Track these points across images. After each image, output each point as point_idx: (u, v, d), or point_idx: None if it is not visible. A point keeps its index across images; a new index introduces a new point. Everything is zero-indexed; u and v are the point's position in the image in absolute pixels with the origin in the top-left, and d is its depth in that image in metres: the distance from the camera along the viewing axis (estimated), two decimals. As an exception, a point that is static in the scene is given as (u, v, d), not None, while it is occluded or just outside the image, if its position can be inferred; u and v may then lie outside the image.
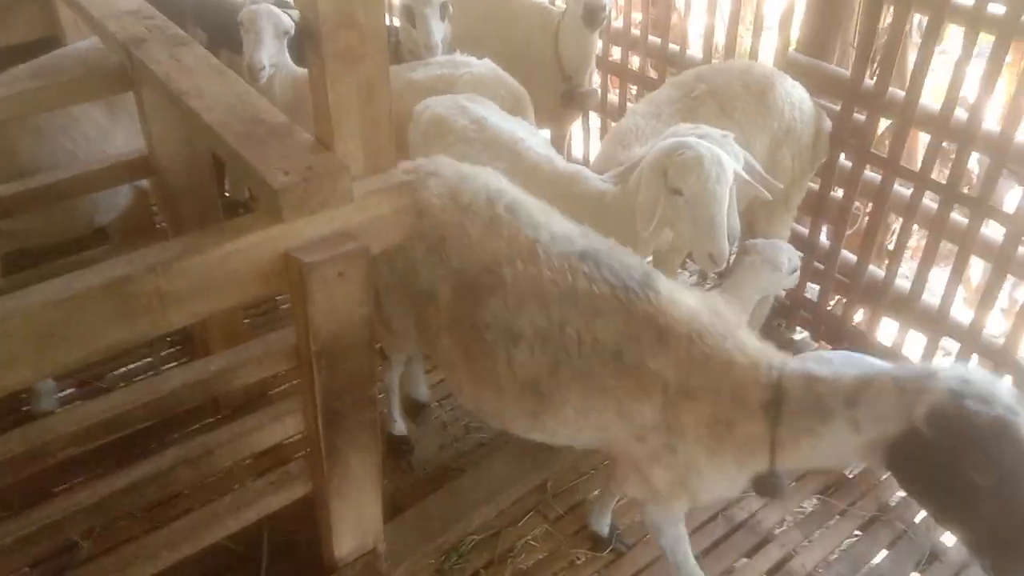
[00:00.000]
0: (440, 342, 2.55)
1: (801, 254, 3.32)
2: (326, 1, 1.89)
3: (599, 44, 4.24)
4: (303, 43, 2.06)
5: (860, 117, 3.49)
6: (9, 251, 3.29)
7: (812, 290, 4.04)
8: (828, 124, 3.54)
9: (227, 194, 4.84)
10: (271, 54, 3.41)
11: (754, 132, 3.29)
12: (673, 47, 4.26)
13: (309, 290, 2.04)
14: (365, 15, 1.97)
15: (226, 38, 4.13)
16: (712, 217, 2.55)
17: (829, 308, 4.01)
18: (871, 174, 3.56)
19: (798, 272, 3.22)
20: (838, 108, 3.58)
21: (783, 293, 3.78)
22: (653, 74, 4.46)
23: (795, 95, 3.41)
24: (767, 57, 3.98)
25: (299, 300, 2.09)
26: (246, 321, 3.83)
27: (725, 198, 2.56)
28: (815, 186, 3.79)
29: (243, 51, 3.49)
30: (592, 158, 4.92)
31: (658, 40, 4.25)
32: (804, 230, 3.97)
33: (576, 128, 4.85)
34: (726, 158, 2.61)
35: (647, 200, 2.67)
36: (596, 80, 4.42)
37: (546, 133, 4.24)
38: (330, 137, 2.08)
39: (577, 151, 5.10)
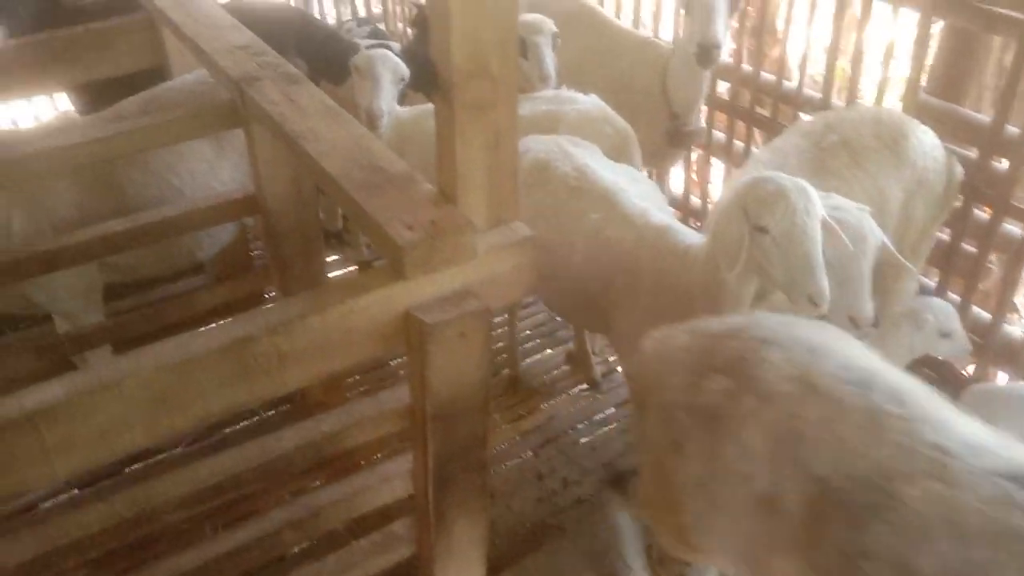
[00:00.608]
0: (774, 562, 1.96)
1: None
2: (461, 51, 1.79)
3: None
4: (424, 86, 1.96)
5: (998, 165, 3.24)
6: (110, 282, 3.28)
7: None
8: (960, 171, 3.30)
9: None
10: (389, 100, 3.34)
11: (888, 184, 3.09)
12: (770, 78, 4.07)
13: (429, 351, 1.93)
14: (500, 65, 1.87)
15: (327, 70, 4.11)
16: (806, 253, 2.32)
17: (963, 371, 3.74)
18: (1008, 227, 3.31)
19: (960, 336, 2.91)
20: (973, 155, 3.33)
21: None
22: (763, 111, 4.27)
23: (927, 142, 3.19)
24: (892, 94, 3.76)
25: (418, 361, 1.98)
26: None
27: (817, 232, 2.33)
28: (944, 236, 3.55)
29: (358, 96, 3.42)
30: (689, 195, 4.78)
31: (772, 76, 4.05)
32: (930, 283, 3.71)
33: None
34: (813, 190, 2.38)
35: (729, 240, 2.43)
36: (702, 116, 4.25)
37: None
38: (454, 189, 1.98)
39: (676, 186, 4.93)
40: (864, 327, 2.46)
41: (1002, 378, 3.71)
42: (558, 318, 4.23)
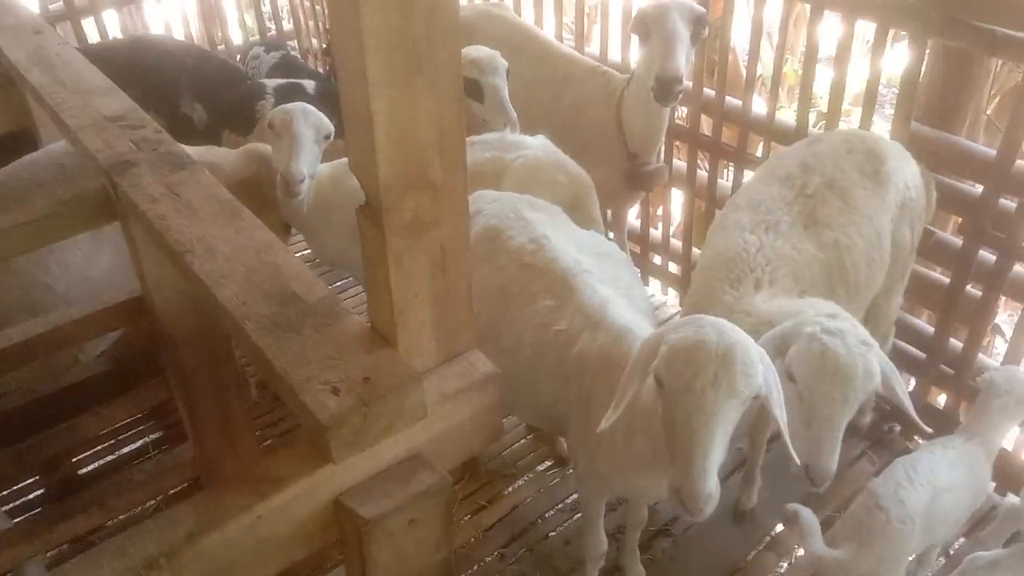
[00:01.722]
0: None
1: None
2: (389, 162, 1.35)
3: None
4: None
5: (1008, 203, 2.92)
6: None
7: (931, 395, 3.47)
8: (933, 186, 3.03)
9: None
10: (311, 162, 2.85)
11: (881, 220, 2.78)
12: (736, 103, 3.69)
13: (370, 549, 1.48)
14: (443, 167, 1.43)
15: (230, 118, 3.60)
16: (692, 434, 1.80)
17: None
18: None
19: None
20: (975, 191, 3.01)
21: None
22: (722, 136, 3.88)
23: (902, 161, 2.90)
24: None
25: (355, 559, 1.53)
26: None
27: (723, 417, 1.80)
28: (941, 277, 3.23)
29: (274, 158, 2.94)
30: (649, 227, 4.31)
31: (738, 103, 3.66)
32: (926, 326, 3.40)
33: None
34: (750, 357, 1.83)
35: (624, 378, 1.99)
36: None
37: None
38: (392, 328, 1.53)
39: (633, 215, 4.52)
40: (821, 485, 2.08)
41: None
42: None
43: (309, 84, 3.84)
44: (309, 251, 4.28)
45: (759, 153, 3.79)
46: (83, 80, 2.61)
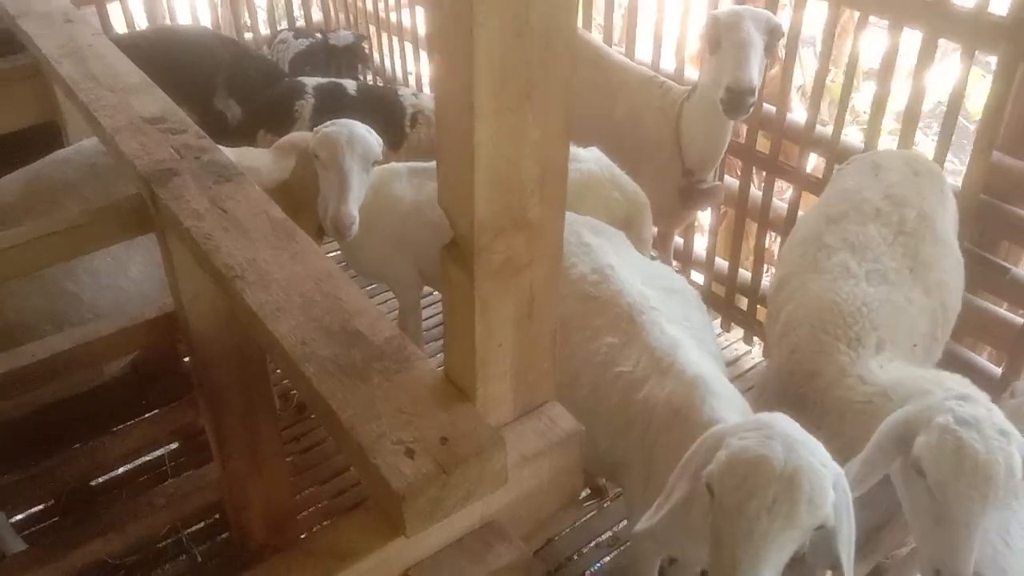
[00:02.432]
0: None
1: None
2: (489, 202, 1.19)
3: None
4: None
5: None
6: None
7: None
8: None
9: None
10: (360, 196, 2.68)
11: (955, 243, 2.65)
12: (798, 120, 3.52)
13: (441, 631, 1.33)
14: (542, 204, 1.27)
15: (267, 117, 3.44)
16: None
17: None
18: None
19: None
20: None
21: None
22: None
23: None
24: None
25: (423, 639, 1.37)
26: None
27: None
28: (1008, 315, 3.07)
29: (322, 188, 2.77)
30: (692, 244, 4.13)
31: (797, 119, 3.49)
32: (991, 366, 3.23)
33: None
34: (821, 479, 1.61)
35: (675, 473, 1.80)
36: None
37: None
38: (471, 380, 1.38)
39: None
40: None
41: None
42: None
43: (350, 84, 3.68)
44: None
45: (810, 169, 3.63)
46: (117, 75, 2.46)
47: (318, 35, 5.01)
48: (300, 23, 6.03)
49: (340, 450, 3.42)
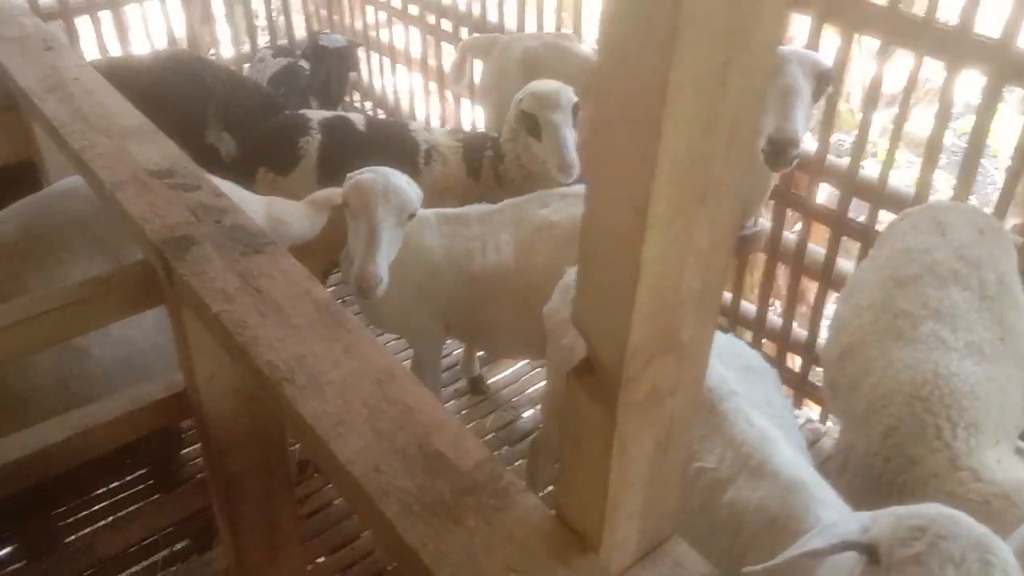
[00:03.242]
0: None
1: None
2: (643, 324, 0.96)
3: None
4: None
5: None
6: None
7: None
8: None
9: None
10: (391, 253, 2.42)
11: None
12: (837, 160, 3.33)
13: None
14: (698, 320, 1.05)
15: (268, 154, 3.15)
16: None
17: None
18: None
19: None
20: None
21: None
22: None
23: None
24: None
25: None
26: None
27: None
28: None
29: (349, 238, 2.53)
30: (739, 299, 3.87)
31: (840, 161, 3.28)
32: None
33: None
34: None
35: None
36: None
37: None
38: (596, 526, 1.15)
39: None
40: None
41: None
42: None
43: (358, 119, 3.42)
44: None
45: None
46: (111, 115, 2.20)
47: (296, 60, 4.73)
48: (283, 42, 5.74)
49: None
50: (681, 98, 0.82)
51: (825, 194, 3.68)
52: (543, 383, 3.86)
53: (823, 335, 3.25)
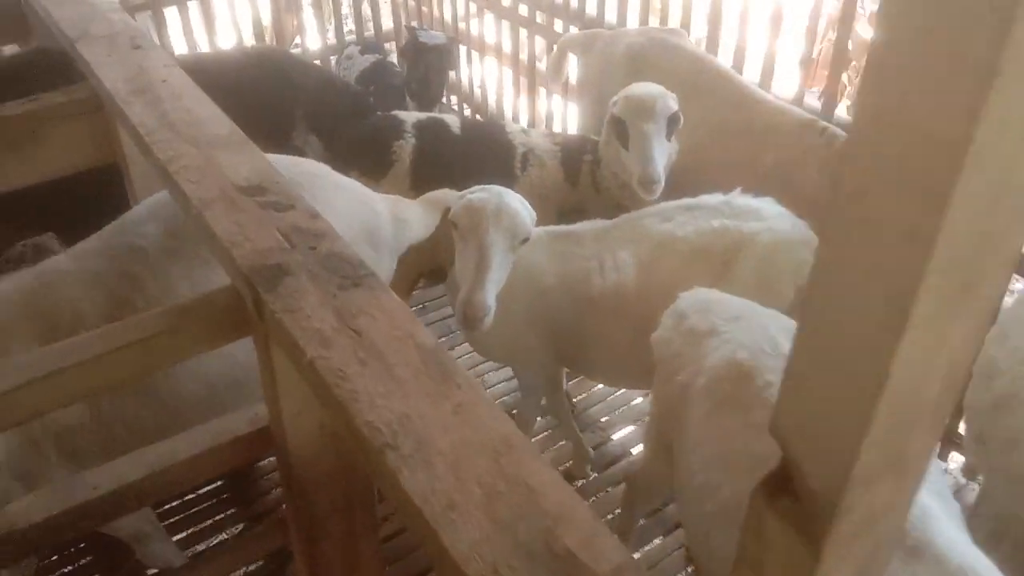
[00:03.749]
0: None
1: None
2: (875, 445, 0.74)
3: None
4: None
5: None
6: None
7: None
8: None
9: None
10: (500, 280, 2.23)
11: None
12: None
13: None
14: (928, 431, 0.82)
15: (359, 156, 2.99)
16: None
17: None
18: None
19: None
20: None
21: None
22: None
23: None
24: None
25: None
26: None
27: None
28: None
29: (457, 261, 2.36)
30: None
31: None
32: None
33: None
34: None
35: None
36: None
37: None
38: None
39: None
40: None
41: None
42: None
43: (453, 121, 3.24)
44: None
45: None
46: (199, 122, 2.05)
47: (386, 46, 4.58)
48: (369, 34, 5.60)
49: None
50: (979, 159, 0.59)
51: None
52: (637, 400, 3.64)
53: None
